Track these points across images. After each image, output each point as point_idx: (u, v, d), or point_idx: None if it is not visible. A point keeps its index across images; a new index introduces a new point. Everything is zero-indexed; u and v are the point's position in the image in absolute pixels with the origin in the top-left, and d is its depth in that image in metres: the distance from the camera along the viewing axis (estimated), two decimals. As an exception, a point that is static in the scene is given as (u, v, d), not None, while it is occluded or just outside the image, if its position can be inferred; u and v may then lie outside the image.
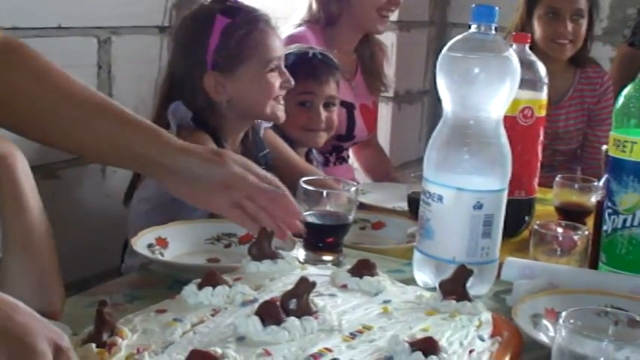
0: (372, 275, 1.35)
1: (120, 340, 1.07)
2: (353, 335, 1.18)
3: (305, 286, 1.17)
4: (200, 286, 1.24)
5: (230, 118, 1.97)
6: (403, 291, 1.37)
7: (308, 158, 2.44)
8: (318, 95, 2.32)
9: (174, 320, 1.15)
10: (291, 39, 2.52)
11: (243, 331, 1.12)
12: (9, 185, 1.25)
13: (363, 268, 1.37)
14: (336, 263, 1.51)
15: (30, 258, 1.28)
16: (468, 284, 1.40)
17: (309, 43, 2.51)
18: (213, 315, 1.21)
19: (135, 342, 1.10)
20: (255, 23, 1.93)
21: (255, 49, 1.93)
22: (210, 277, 1.25)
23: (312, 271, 1.41)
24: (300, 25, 2.66)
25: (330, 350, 1.12)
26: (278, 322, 1.12)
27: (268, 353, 1.09)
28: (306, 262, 1.57)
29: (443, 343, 1.14)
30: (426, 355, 1.08)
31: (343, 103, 2.60)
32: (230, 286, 1.25)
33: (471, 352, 1.16)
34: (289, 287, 1.25)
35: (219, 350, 1.04)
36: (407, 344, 1.10)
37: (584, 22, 2.92)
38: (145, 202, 1.91)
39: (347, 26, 2.63)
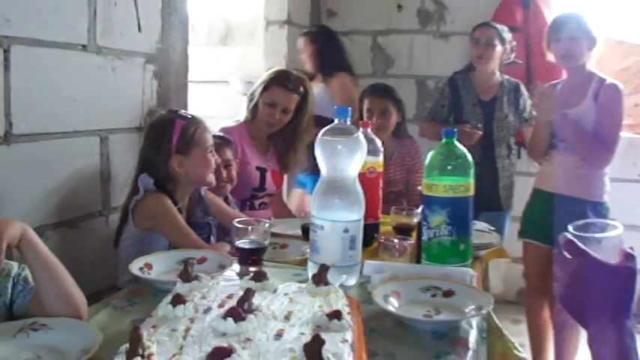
0: (267, 279, 1.39)
1: (154, 354, 1.09)
2: (287, 318, 1.27)
3: (250, 293, 1.19)
4: (174, 305, 1.26)
5: (183, 184, 2.01)
6: (287, 285, 1.49)
7: (227, 202, 2.39)
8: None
9: (172, 331, 1.14)
10: (224, 130, 2.49)
11: (222, 329, 1.19)
12: (33, 249, 1.35)
13: (260, 276, 1.47)
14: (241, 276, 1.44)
15: (53, 284, 1.40)
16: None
17: (234, 133, 2.53)
18: (192, 322, 1.23)
19: (157, 350, 1.10)
20: (198, 123, 2.00)
21: (200, 139, 1.99)
22: (178, 297, 1.29)
23: (225, 284, 1.48)
24: (236, 121, 2.65)
25: (283, 329, 1.20)
26: (243, 319, 1.15)
27: (248, 340, 1.14)
28: (239, 273, 1.55)
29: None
30: (338, 320, 1.18)
31: (258, 168, 2.58)
32: (193, 302, 1.26)
33: (348, 313, 1.27)
34: (222, 296, 1.35)
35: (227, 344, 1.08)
36: (326, 316, 1.22)
37: (391, 116, 3.10)
38: (127, 240, 1.92)
39: (258, 125, 2.61)
